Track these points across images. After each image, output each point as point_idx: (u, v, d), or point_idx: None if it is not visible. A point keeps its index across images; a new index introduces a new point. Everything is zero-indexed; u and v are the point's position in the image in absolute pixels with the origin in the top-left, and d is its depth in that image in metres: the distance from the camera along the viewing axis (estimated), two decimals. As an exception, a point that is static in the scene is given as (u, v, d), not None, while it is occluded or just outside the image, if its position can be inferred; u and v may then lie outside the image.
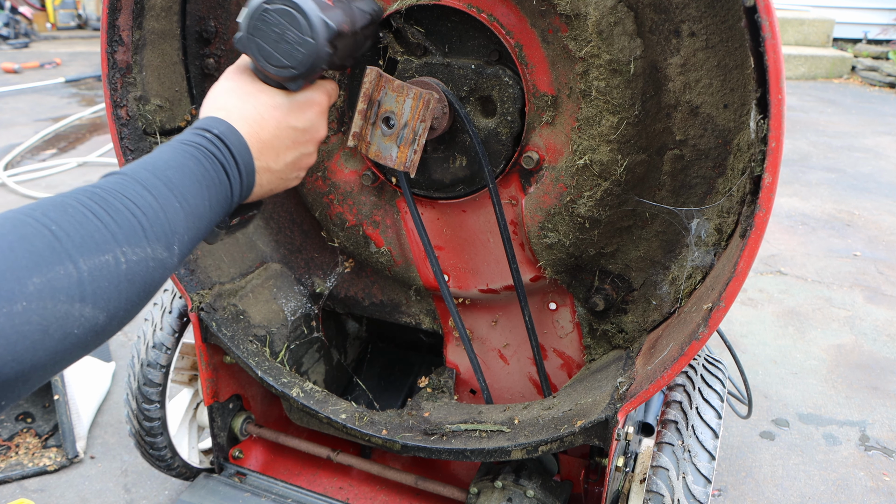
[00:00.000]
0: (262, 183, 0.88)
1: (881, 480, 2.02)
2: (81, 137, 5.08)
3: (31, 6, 10.20)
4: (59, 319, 0.57)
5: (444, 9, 1.13)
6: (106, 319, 0.62)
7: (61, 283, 0.58)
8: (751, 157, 0.94)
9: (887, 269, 3.30)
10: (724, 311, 0.90)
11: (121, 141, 1.26)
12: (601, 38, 1.00)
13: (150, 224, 0.67)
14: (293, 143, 0.90)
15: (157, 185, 0.70)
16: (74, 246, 0.60)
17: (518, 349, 1.39)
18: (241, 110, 0.85)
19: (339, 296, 1.53)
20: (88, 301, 0.60)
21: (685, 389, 1.28)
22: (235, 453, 1.57)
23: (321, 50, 0.83)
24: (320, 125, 0.95)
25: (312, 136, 0.94)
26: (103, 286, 0.61)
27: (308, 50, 0.83)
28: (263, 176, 0.87)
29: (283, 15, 0.82)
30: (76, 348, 0.60)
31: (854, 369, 2.54)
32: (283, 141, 0.88)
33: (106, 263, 0.62)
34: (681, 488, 1.12)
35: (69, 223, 0.61)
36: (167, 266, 0.69)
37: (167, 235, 0.69)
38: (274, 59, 0.85)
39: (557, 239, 1.18)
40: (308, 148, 0.94)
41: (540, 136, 1.15)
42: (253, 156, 0.84)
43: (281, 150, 0.89)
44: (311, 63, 0.84)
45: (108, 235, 0.63)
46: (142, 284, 0.66)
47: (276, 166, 0.89)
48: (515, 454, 1.13)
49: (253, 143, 0.84)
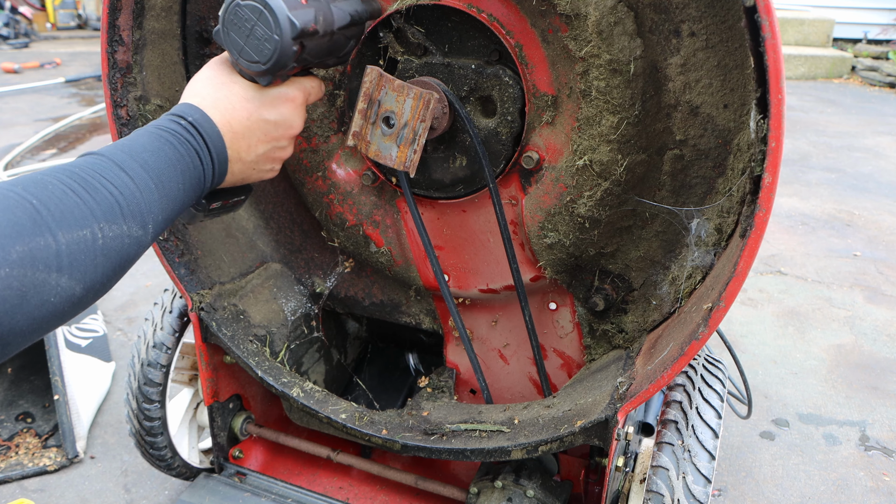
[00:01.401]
0: (234, 171, 0.92)
1: (881, 480, 2.02)
2: (81, 137, 5.08)
3: (31, 6, 10.20)
4: (37, 287, 0.61)
5: (445, 9, 1.13)
6: (82, 291, 0.66)
7: (41, 254, 0.61)
8: (751, 157, 0.94)
9: (887, 269, 3.30)
10: (724, 311, 0.90)
11: (121, 141, 1.27)
12: (601, 38, 1.00)
13: (126, 203, 0.71)
14: (265, 135, 0.93)
15: (134, 167, 0.74)
16: (54, 219, 0.63)
17: (518, 349, 1.39)
18: (216, 99, 0.88)
19: (339, 296, 1.53)
20: (65, 272, 0.64)
21: (685, 389, 1.28)
22: (235, 453, 1.57)
23: (287, 47, 0.85)
24: (294, 120, 0.97)
25: (286, 131, 0.96)
26: (80, 259, 0.65)
27: (273, 46, 0.85)
28: (235, 164, 0.91)
29: (253, 11, 0.85)
30: (53, 316, 0.64)
31: (854, 369, 2.54)
32: (255, 133, 0.91)
33: (83, 238, 0.65)
34: (681, 488, 1.12)
35: (49, 198, 0.64)
36: (141, 243, 0.73)
37: (142, 214, 0.73)
38: (245, 53, 0.87)
39: (557, 239, 1.18)
40: (281, 142, 0.96)
41: (540, 136, 1.15)
42: (225, 144, 0.87)
43: (253, 141, 0.91)
44: (276, 59, 0.86)
45: (86, 211, 0.66)
46: (117, 259, 0.70)
47: (248, 157, 0.92)
48: (515, 454, 1.13)
49: (225, 132, 0.87)
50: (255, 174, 0.97)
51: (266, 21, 0.84)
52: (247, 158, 0.92)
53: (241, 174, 0.94)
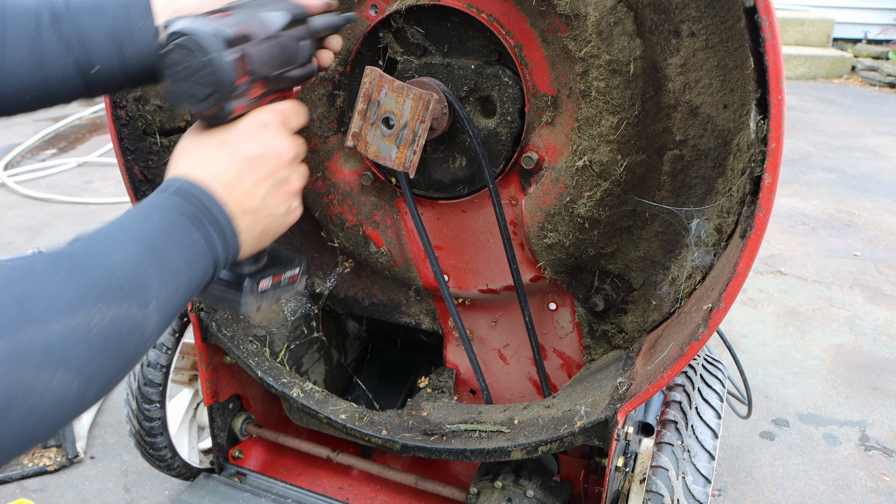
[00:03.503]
0: (248, 226, 0.80)
1: (881, 480, 2.02)
2: (81, 137, 5.08)
3: (31, 6, 10.18)
4: (25, 389, 0.52)
5: (444, 9, 1.13)
6: (79, 389, 0.57)
7: (28, 348, 0.53)
8: (751, 157, 0.94)
9: (887, 269, 3.30)
10: (724, 311, 0.90)
11: (120, 141, 1.27)
12: (601, 38, 1.00)
13: (119, 280, 0.63)
14: (258, 172, 0.81)
15: (124, 240, 0.66)
16: (41, 308, 0.56)
17: (518, 349, 1.39)
18: (194, 162, 0.79)
19: (339, 296, 1.53)
20: (59, 367, 0.55)
21: (685, 389, 1.28)
22: (235, 453, 1.58)
23: (222, 61, 0.77)
24: (280, 145, 0.84)
25: (278, 160, 0.83)
26: (74, 351, 0.57)
27: (210, 67, 0.77)
28: (244, 218, 0.79)
29: (177, 50, 0.77)
30: (45, 424, 0.55)
31: (854, 369, 2.54)
32: (247, 175, 0.80)
33: (76, 326, 0.57)
34: (680, 488, 1.12)
35: (34, 284, 0.57)
36: (143, 328, 0.64)
37: (141, 291, 0.64)
38: (193, 96, 0.79)
39: (557, 239, 1.18)
40: (280, 174, 0.84)
41: (540, 137, 1.15)
42: (222, 201, 0.77)
43: (248, 184, 0.80)
44: (218, 78, 0.77)
45: (75, 295, 0.58)
46: (117, 348, 0.61)
47: (253, 203, 0.80)
48: (515, 454, 1.13)
49: (215, 187, 0.77)
50: (275, 221, 0.85)
51: (193, 50, 0.77)
52: (252, 205, 0.80)
53: (258, 227, 0.82)
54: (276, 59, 0.85)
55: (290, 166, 0.86)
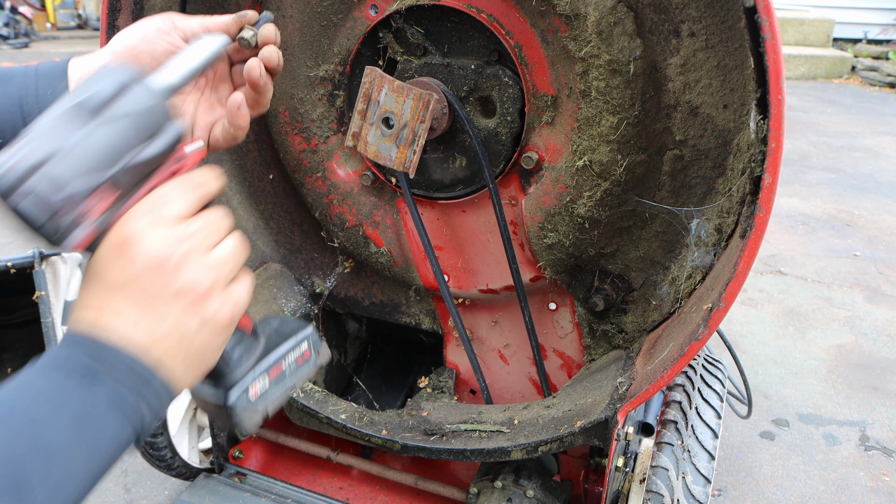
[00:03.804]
0: (172, 353, 0.62)
1: (881, 480, 2.02)
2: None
3: (31, 6, 10.20)
4: None
5: (444, 9, 1.13)
6: None
7: None
8: (751, 157, 0.94)
9: (887, 269, 3.30)
10: (724, 311, 0.90)
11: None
12: (601, 38, 1.00)
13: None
14: (144, 292, 0.61)
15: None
16: None
17: (518, 349, 1.39)
18: (77, 310, 0.63)
19: (339, 296, 1.53)
20: None
21: (685, 389, 1.28)
22: (235, 453, 1.58)
23: (16, 207, 0.58)
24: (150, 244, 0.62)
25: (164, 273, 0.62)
26: None
27: (15, 214, 0.59)
28: (157, 348, 0.61)
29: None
30: None
31: (854, 369, 2.54)
32: (127, 296, 0.61)
33: None
34: (680, 488, 1.12)
35: None
36: None
37: (13, 487, 0.51)
38: (43, 230, 0.60)
39: (557, 239, 1.18)
40: (177, 278, 0.62)
41: (540, 137, 1.15)
42: (110, 340, 0.60)
43: (144, 307, 0.61)
44: (26, 224, 0.60)
45: None
46: None
47: (163, 327, 0.61)
48: (515, 454, 1.13)
49: (103, 327, 0.60)
50: (208, 336, 0.64)
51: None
52: (161, 329, 0.61)
53: (186, 350, 0.63)
54: (108, 151, 0.61)
55: (175, 273, 0.62)
